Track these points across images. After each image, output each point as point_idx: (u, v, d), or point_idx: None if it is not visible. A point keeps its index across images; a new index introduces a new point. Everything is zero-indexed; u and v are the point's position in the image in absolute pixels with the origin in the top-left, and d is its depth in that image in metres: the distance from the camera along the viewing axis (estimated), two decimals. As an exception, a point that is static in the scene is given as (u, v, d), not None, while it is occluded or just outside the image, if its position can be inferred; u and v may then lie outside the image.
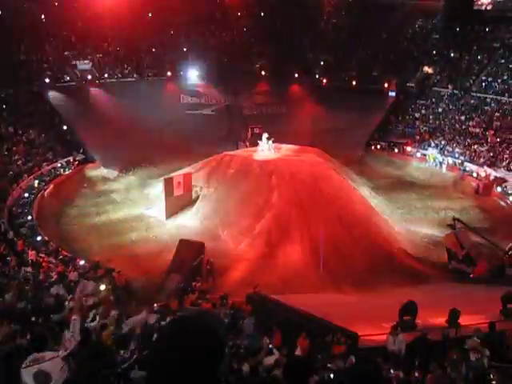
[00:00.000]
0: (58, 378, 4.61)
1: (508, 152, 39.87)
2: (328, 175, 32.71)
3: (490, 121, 44.20)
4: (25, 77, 42.28)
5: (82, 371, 4.63)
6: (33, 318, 11.76)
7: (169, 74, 51.00)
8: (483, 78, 48.38)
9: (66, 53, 47.01)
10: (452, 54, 52.73)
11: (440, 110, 48.83)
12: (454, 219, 27.56)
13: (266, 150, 35.31)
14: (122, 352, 5.71)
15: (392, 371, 10.23)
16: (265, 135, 36.09)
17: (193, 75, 52.61)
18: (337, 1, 62.03)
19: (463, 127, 45.35)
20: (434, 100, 50.04)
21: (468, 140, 43.53)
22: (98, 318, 12.81)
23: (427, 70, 52.91)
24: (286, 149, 36.89)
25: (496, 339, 11.35)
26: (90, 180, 38.20)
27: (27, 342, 8.17)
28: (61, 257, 24.57)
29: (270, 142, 35.68)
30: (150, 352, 2.29)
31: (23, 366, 4.94)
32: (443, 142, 44.44)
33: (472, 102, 47.16)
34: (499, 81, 46.89)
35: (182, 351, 2.02)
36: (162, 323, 14.26)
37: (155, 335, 10.45)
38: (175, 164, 40.41)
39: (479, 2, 53.27)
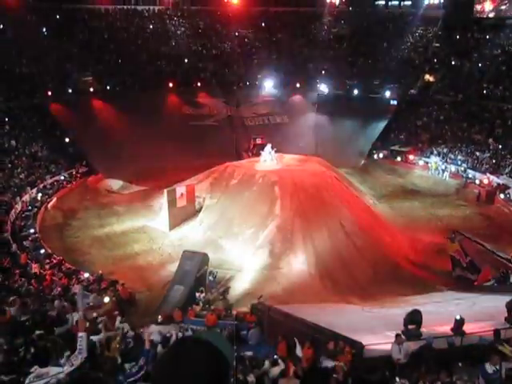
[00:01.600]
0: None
1: (510, 158, 39.84)
2: (331, 184, 32.70)
3: (492, 128, 44.22)
4: (26, 89, 42.43)
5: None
6: (36, 332, 11.73)
7: (170, 85, 51.09)
8: (484, 85, 48.43)
9: (67, 65, 47.16)
10: (453, 62, 52.84)
11: (442, 117, 48.85)
12: (454, 232, 27.49)
13: (268, 160, 35.30)
14: (127, 366, 5.69)
15: (398, 380, 10.20)
16: (268, 146, 36.06)
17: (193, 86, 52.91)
18: (338, 10, 62.26)
19: (465, 134, 45.35)
20: (435, 108, 50.07)
21: (470, 147, 43.52)
22: (103, 330, 12.79)
23: (428, 77, 53.07)
24: (289, 159, 36.88)
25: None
26: (92, 192, 38.21)
27: (31, 355, 8.14)
28: (64, 269, 24.58)
29: (273, 152, 35.68)
30: (154, 370, 2.27)
31: (27, 381, 4.92)
32: (445, 150, 44.43)
33: (473, 109, 47.17)
34: (500, 88, 46.93)
35: (185, 372, 2.00)
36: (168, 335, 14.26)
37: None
38: (178, 175, 40.50)
39: (480, 9, 53.61)
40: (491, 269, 24.26)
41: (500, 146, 41.64)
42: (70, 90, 45.81)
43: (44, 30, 49.24)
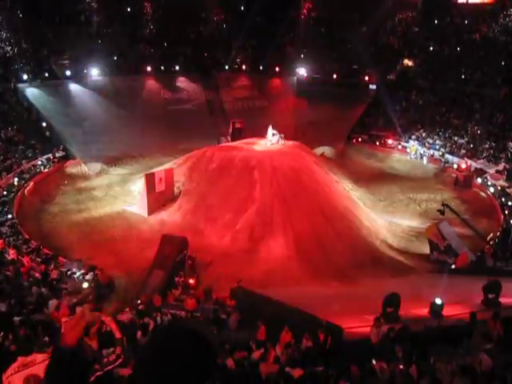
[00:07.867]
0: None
1: (488, 143, 40.20)
2: (310, 169, 32.74)
3: (470, 112, 44.53)
4: (1, 73, 41.73)
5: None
6: (15, 318, 11.65)
7: (149, 69, 50.63)
8: (463, 69, 48.68)
9: (43, 49, 46.44)
10: (431, 47, 53.01)
11: (420, 102, 49.09)
12: (443, 204, 27.76)
13: (273, 141, 35.49)
14: (104, 352, 5.63)
15: (374, 362, 10.28)
16: (270, 128, 36.19)
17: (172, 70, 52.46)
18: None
19: (444, 119, 45.64)
20: (414, 92, 50.28)
21: (448, 132, 43.83)
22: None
23: (407, 62, 53.21)
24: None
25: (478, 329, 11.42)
26: (70, 177, 37.82)
27: (12, 344, 8.06)
28: (42, 255, 24.37)
29: (278, 135, 35.90)
30: (139, 360, 2.18)
31: (12, 371, 4.83)
32: (424, 134, 44.69)
33: (452, 94, 47.44)
34: (479, 73, 47.22)
35: (173, 364, 1.96)
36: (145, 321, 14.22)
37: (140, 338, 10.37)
38: (157, 160, 40.27)
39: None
40: (468, 252, 24.59)
41: (478, 131, 41.98)
42: (47, 74, 45.10)
43: (19, 12, 48.30)
